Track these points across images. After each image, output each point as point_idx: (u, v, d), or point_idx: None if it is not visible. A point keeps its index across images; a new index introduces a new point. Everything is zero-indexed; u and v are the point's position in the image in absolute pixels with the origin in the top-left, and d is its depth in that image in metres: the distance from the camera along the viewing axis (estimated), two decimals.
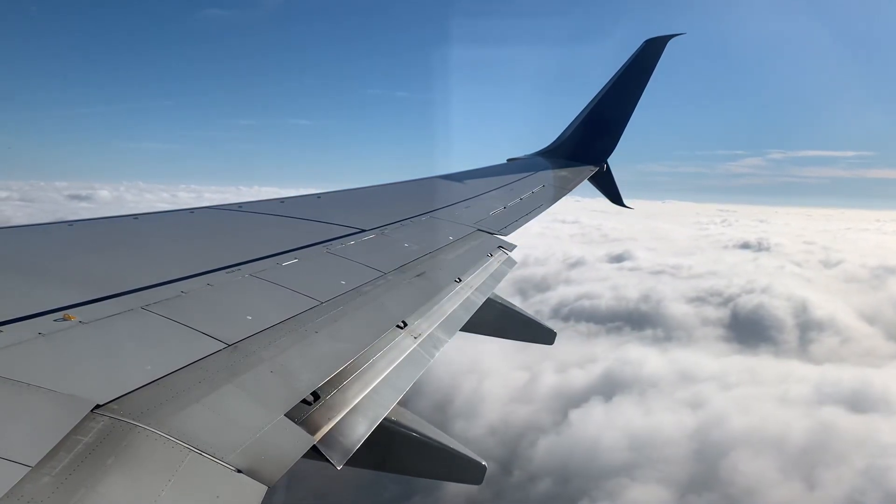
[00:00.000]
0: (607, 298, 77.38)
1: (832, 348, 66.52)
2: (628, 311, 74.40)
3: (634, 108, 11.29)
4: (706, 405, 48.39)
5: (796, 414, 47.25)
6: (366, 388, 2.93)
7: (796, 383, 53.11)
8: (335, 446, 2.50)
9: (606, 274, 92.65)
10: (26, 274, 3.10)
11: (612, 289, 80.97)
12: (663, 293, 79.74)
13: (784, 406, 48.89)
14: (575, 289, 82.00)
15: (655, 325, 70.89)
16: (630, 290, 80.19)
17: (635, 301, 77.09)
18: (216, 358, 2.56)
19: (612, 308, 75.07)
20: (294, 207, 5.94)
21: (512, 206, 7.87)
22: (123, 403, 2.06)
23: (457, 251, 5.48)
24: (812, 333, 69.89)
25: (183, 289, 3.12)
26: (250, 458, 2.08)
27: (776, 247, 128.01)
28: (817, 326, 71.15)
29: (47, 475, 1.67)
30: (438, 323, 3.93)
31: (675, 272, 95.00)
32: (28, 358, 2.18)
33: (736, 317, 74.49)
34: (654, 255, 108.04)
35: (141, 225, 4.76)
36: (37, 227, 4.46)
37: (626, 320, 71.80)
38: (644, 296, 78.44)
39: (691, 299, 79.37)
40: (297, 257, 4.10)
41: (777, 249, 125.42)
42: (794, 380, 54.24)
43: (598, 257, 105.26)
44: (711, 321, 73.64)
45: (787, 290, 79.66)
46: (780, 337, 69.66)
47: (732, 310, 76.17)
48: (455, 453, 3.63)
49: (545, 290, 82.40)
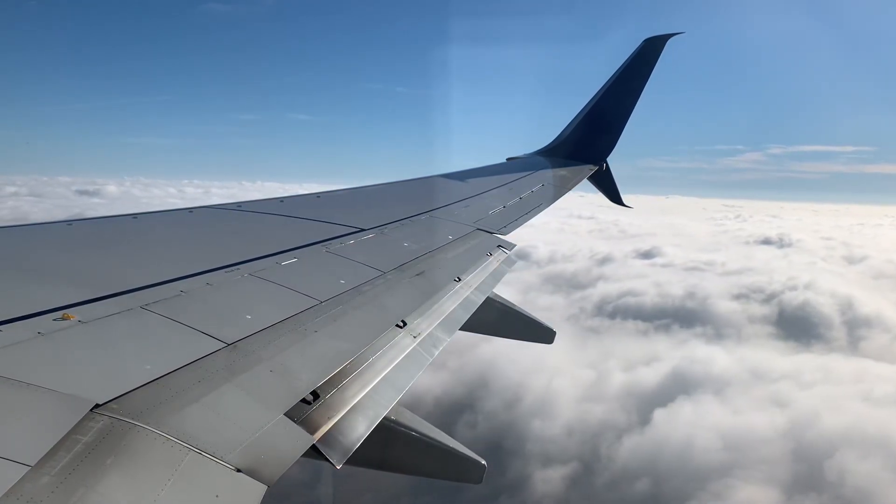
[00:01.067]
0: (651, 296, 77.00)
1: (884, 345, 65.77)
2: (674, 309, 74.08)
3: (634, 107, 11.29)
4: (791, 404, 47.83)
5: (890, 413, 46.47)
6: (365, 387, 2.93)
7: (879, 382, 52.31)
8: (335, 446, 2.50)
9: (641, 270, 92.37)
10: (25, 273, 3.10)
11: (654, 286, 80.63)
12: (707, 290, 79.37)
13: (874, 406, 48.13)
14: (615, 286, 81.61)
15: (704, 322, 70.45)
16: (672, 287, 79.87)
17: (680, 298, 76.79)
18: (215, 357, 2.56)
19: (658, 305, 74.72)
20: (293, 207, 5.93)
21: (511, 206, 7.87)
22: (123, 403, 2.06)
23: (456, 250, 5.48)
24: (861, 331, 69.19)
25: (182, 288, 3.12)
26: (250, 458, 2.08)
27: (798, 243, 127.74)
28: (865, 323, 70.55)
29: (47, 475, 1.67)
30: (438, 322, 3.93)
31: (709, 268, 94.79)
32: (27, 357, 2.18)
33: (783, 314, 73.97)
34: (682, 252, 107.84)
35: (140, 224, 4.75)
36: (36, 226, 4.45)
37: (673, 317, 71.39)
38: (688, 293, 78.12)
39: (735, 296, 78.89)
40: (297, 257, 4.10)
41: (799, 245, 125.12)
42: (872, 378, 53.45)
43: (625, 253, 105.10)
44: (759, 318, 73.24)
45: (829, 287, 79.15)
46: (830, 334, 69.02)
47: (778, 307, 75.73)
48: (455, 452, 3.64)
49: (584, 287, 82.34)
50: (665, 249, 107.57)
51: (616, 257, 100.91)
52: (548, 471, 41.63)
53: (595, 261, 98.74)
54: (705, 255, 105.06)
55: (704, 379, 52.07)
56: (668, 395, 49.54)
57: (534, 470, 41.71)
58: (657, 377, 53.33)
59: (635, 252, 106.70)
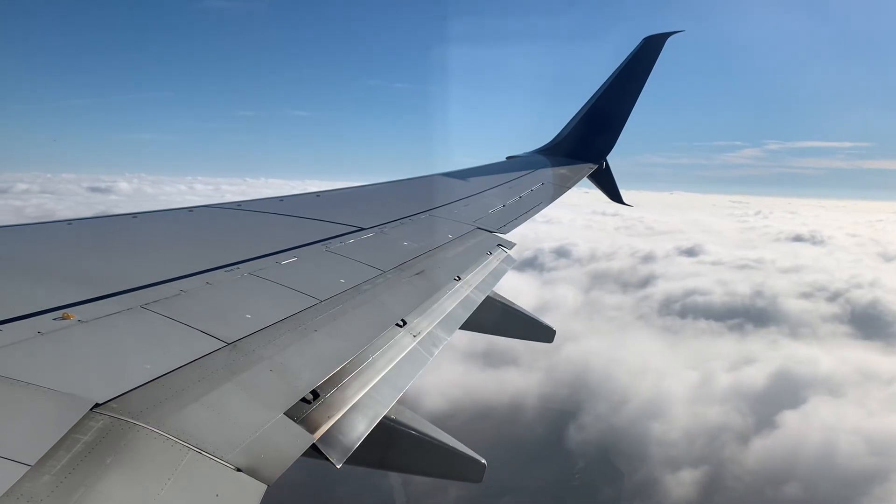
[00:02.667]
0: (718, 294, 76.74)
1: None
2: (744, 308, 73.77)
3: (633, 105, 11.28)
4: None
5: None
6: (365, 386, 2.93)
7: None
8: (335, 445, 2.50)
9: (693, 269, 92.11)
10: (25, 273, 3.10)
11: (717, 284, 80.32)
12: (772, 289, 79.05)
13: None
14: (675, 284, 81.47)
15: (777, 321, 70.07)
16: (736, 286, 79.52)
17: (747, 297, 76.48)
18: (215, 357, 2.56)
19: (727, 304, 74.47)
20: (293, 206, 5.93)
21: (511, 205, 7.87)
22: (123, 402, 2.06)
23: (456, 249, 5.48)
24: None
25: (182, 287, 3.12)
26: (250, 457, 2.08)
27: (829, 240, 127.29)
28: None
29: (47, 474, 1.67)
30: (438, 321, 3.93)
31: (760, 266, 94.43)
32: (27, 357, 2.18)
33: (855, 312, 73.33)
34: (724, 249, 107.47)
35: (140, 224, 4.75)
36: (35, 225, 4.45)
37: (745, 317, 71.06)
38: (755, 292, 77.78)
39: (801, 295, 78.47)
40: (297, 256, 4.10)
41: (831, 242, 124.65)
42: None
43: (667, 251, 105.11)
44: (831, 317, 72.73)
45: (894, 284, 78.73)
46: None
47: (848, 305, 75.20)
48: (455, 451, 3.63)
49: (643, 286, 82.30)
50: (707, 247, 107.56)
51: (658, 255, 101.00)
52: (679, 474, 41.32)
53: (638, 258, 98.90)
54: (747, 252, 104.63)
55: (813, 380, 51.52)
56: (785, 397, 48.95)
57: (662, 473, 41.47)
58: (763, 378, 52.87)
59: (677, 250, 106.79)
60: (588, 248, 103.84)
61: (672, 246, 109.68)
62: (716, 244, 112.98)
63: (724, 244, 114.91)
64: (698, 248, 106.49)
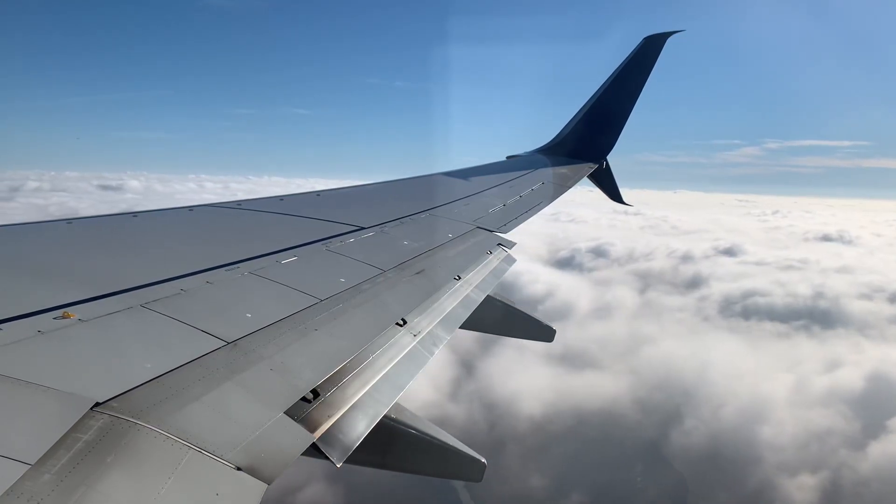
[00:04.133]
0: (779, 296, 76.58)
1: None
2: (806, 309, 73.55)
3: (634, 105, 11.27)
4: None
5: None
6: (365, 385, 2.93)
7: None
8: (335, 444, 2.50)
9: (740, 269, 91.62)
10: (25, 272, 3.10)
11: (775, 285, 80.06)
12: (831, 290, 78.55)
13: None
14: (730, 286, 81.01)
15: (845, 323, 69.50)
16: (795, 288, 79.18)
17: (808, 298, 76.15)
18: (216, 356, 2.56)
19: (788, 305, 74.35)
20: (293, 205, 5.93)
21: (511, 204, 7.87)
22: (123, 401, 2.06)
23: (456, 249, 5.48)
24: None
25: (182, 286, 3.12)
26: (250, 456, 2.08)
27: (857, 240, 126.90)
28: None
29: (47, 473, 1.67)
30: (438, 320, 3.93)
31: (805, 266, 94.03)
32: (27, 356, 2.18)
33: None
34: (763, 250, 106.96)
35: (140, 223, 4.75)
36: (36, 224, 4.45)
37: (809, 318, 70.84)
38: (816, 293, 77.38)
39: (860, 296, 78.08)
40: (297, 255, 4.10)
41: (859, 242, 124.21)
42: None
43: (704, 251, 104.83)
44: None
45: None
46: None
47: None
48: (455, 450, 3.63)
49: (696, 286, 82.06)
50: (744, 247, 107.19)
51: (696, 255, 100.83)
52: (797, 479, 41.05)
53: (677, 258, 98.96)
54: (787, 252, 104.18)
55: None
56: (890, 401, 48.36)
57: (779, 478, 41.20)
58: (860, 381, 52.41)
59: (714, 250, 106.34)
60: (624, 247, 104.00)
61: (708, 246, 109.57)
62: (752, 244, 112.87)
63: (759, 244, 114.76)
64: (736, 249, 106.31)
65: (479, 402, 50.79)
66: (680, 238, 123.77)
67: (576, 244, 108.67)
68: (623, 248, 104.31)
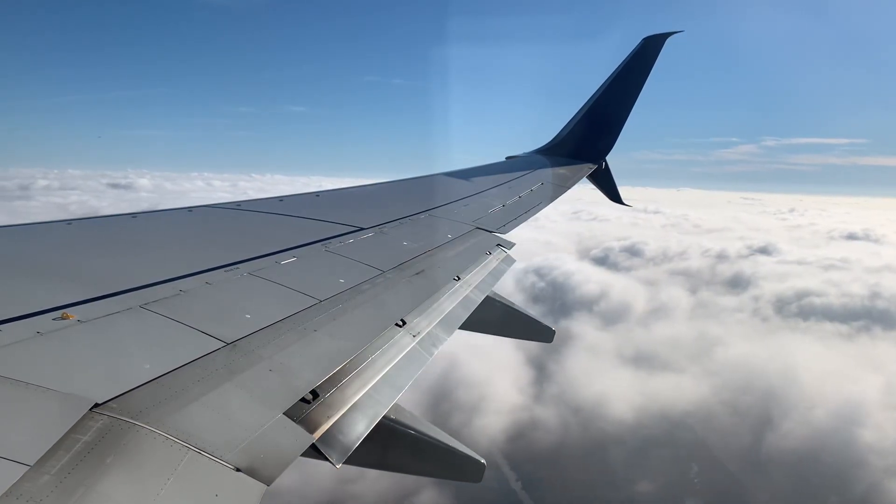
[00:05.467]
0: (834, 296, 75.85)
1: None
2: (864, 309, 72.84)
3: (633, 105, 11.28)
4: None
5: None
6: (365, 386, 2.93)
7: None
8: (334, 445, 2.50)
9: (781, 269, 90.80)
10: (24, 273, 3.10)
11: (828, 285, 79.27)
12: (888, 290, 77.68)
13: None
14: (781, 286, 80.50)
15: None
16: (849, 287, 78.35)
17: (864, 298, 75.46)
18: (215, 356, 2.56)
19: (845, 306, 73.64)
20: (292, 206, 5.93)
21: (511, 205, 7.87)
22: (122, 402, 2.06)
23: (455, 249, 5.48)
24: None
25: (181, 287, 3.12)
26: (249, 457, 2.08)
27: (884, 238, 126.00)
28: None
29: (46, 474, 1.67)
30: (437, 321, 3.93)
31: (847, 266, 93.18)
32: (26, 357, 2.18)
33: None
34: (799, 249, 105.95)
35: (139, 223, 4.75)
36: (35, 225, 4.45)
37: (867, 318, 70.26)
38: (872, 293, 76.69)
39: None
40: (296, 256, 4.10)
41: (886, 241, 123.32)
42: None
43: (738, 250, 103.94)
44: None
45: None
46: None
47: None
48: (454, 451, 3.64)
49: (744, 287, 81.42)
50: (779, 247, 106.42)
51: (731, 254, 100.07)
52: None
53: (712, 258, 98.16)
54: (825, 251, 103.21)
55: None
56: None
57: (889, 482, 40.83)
58: None
59: (749, 249, 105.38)
60: (657, 246, 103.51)
61: (741, 245, 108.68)
62: (784, 243, 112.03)
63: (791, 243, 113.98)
64: (770, 248, 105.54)
65: (565, 405, 50.41)
66: (705, 237, 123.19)
67: (606, 243, 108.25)
68: (656, 248, 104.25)
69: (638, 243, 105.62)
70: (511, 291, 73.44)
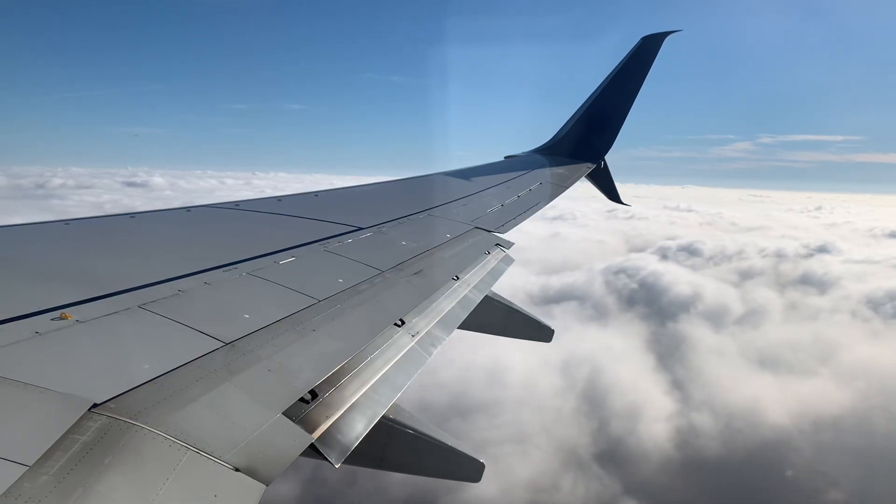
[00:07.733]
0: None
1: None
2: None
3: (631, 104, 11.29)
4: None
5: None
6: (364, 386, 2.93)
7: None
8: (333, 445, 2.50)
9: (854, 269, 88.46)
10: (22, 273, 3.09)
11: None
12: None
13: None
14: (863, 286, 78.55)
15: None
16: None
17: None
18: (214, 356, 2.55)
19: None
20: (291, 205, 5.93)
21: (509, 204, 7.88)
22: (121, 402, 2.06)
23: (454, 249, 5.48)
24: None
25: (180, 287, 3.12)
26: (248, 457, 2.08)
27: None
28: None
29: (45, 474, 1.67)
30: (436, 321, 3.93)
31: None
32: (25, 357, 2.18)
33: None
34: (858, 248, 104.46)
35: (138, 223, 4.75)
36: (34, 225, 4.44)
37: None
38: None
39: None
40: (295, 255, 4.10)
41: None
42: None
43: (795, 249, 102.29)
44: None
45: None
46: None
47: None
48: (454, 451, 3.64)
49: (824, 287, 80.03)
50: (837, 245, 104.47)
51: (787, 253, 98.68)
52: None
53: (772, 257, 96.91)
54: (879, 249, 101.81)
55: None
56: None
57: None
58: None
59: (807, 248, 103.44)
60: (714, 245, 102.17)
61: (796, 245, 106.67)
62: (842, 242, 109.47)
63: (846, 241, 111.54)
64: (830, 247, 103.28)
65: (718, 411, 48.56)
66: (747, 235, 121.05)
67: (658, 242, 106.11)
68: (713, 246, 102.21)
69: (695, 242, 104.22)
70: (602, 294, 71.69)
